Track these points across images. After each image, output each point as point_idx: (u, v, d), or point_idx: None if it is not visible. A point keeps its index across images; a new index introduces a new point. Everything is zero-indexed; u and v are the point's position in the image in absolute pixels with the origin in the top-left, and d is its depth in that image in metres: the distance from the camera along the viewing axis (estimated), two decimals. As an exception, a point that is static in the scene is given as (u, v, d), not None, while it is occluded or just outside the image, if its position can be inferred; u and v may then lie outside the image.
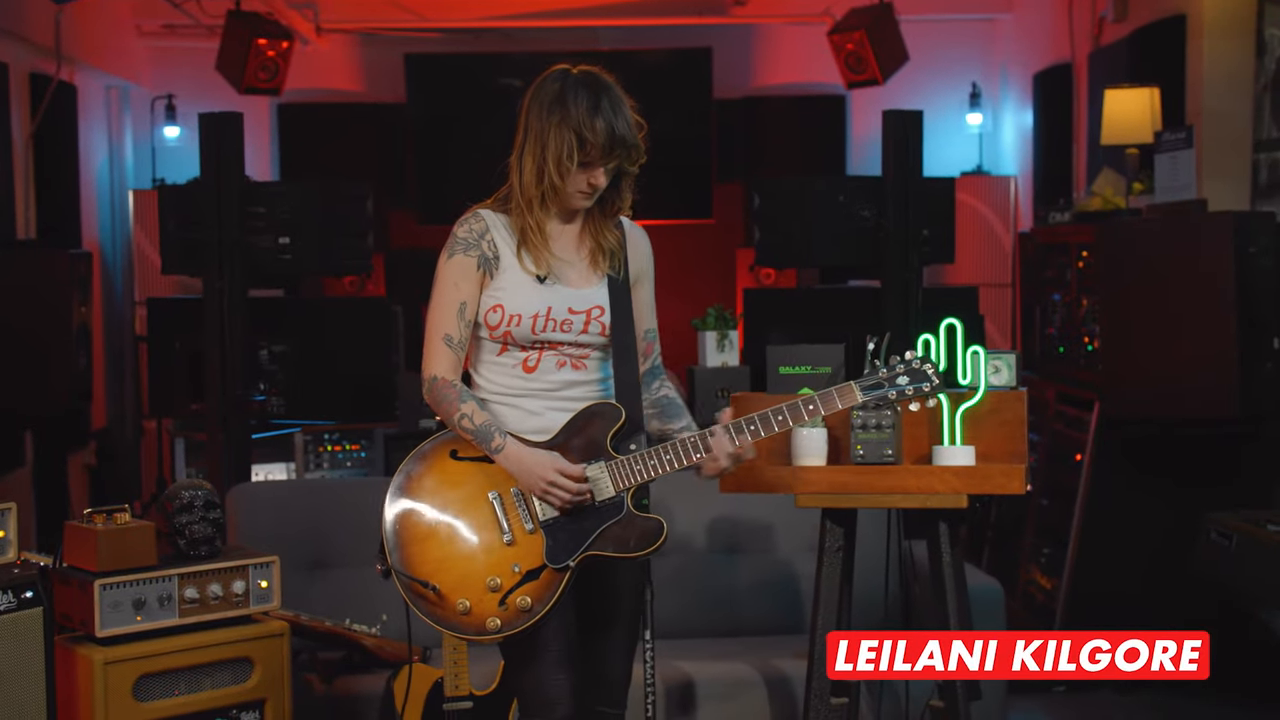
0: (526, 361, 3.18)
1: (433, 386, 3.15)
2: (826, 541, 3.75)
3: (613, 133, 3.11)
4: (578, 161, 3.09)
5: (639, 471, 3.15)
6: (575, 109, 3.09)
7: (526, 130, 3.13)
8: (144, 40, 9.35)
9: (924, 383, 3.25)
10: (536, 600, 3.10)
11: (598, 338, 3.20)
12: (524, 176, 3.12)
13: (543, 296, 3.15)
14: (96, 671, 3.45)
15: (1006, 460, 3.68)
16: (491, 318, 3.15)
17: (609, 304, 3.20)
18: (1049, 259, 6.45)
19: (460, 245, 3.15)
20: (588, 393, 3.23)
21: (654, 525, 3.18)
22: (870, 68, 8.32)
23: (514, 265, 3.15)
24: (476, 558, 3.12)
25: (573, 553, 3.12)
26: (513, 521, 3.13)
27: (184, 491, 3.73)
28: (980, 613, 4.27)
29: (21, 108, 7.80)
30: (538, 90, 3.16)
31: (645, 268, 3.36)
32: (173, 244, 5.40)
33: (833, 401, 3.23)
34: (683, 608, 4.66)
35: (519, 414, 3.19)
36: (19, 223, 7.62)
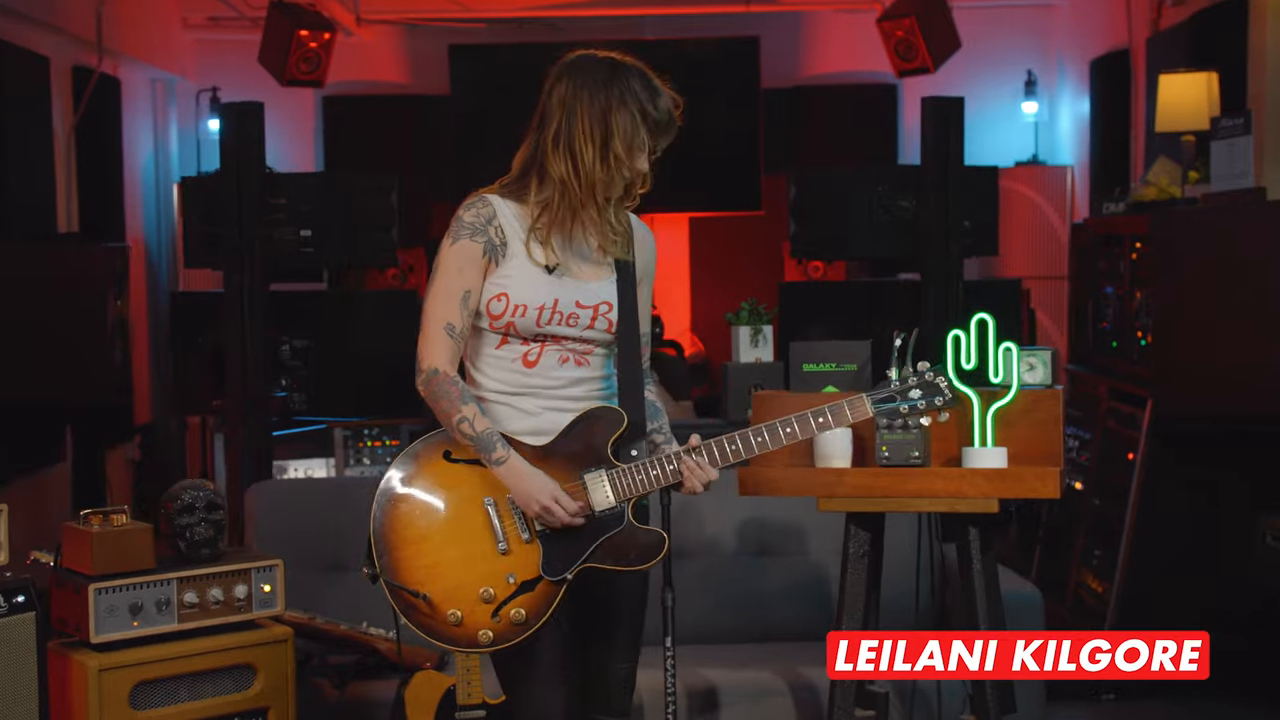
0: (527, 355, 3.02)
1: (431, 379, 2.98)
2: (851, 547, 3.58)
3: (670, 110, 3.02)
4: (646, 140, 2.98)
5: (641, 482, 3.00)
6: (636, 87, 2.98)
7: (573, 116, 2.95)
8: (189, 33, 9.31)
9: (936, 397, 3.12)
10: (531, 613, 2.96)
11: (604, 334, 3.06)
12: (585, 163, 2.94)
13: (550, 288, 3.00)
14: (91, 679, 3.34)
15: (1041, 462, 3.50)
16: (495, 306, 2.99)
17: (617, 300, 3.06)
18: (1102, 251, 6.24)
19: (466, 230, 3.00)
20: (589, 391, 3.07)
21: (655, 538, 3.03)
22: (921, 55, 8.12)
23: (521, 254, 3.00)
24: (469, 567, 2.97)
25: (570, 565, 2.97)
26: (508, 530, 2.98)
27: (185, 492, 3.62)
28: (1017, 620, 4.08)
29: (64, 101, 7.78)
30: (579, 72, 3.00)
31: (649, 267, 3.20)
32: (195, 237, 5.31)
33: (843, 415, 3.08)
34: (709, 612, 4.51)
35: (514, 413, 3.03)
36: (60, 216, 7.59)
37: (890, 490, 3.46)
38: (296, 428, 5.50)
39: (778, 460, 3.63)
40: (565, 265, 3.01)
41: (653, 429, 3.14)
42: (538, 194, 3.01)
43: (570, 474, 2.99)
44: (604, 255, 3.06)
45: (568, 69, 3.04)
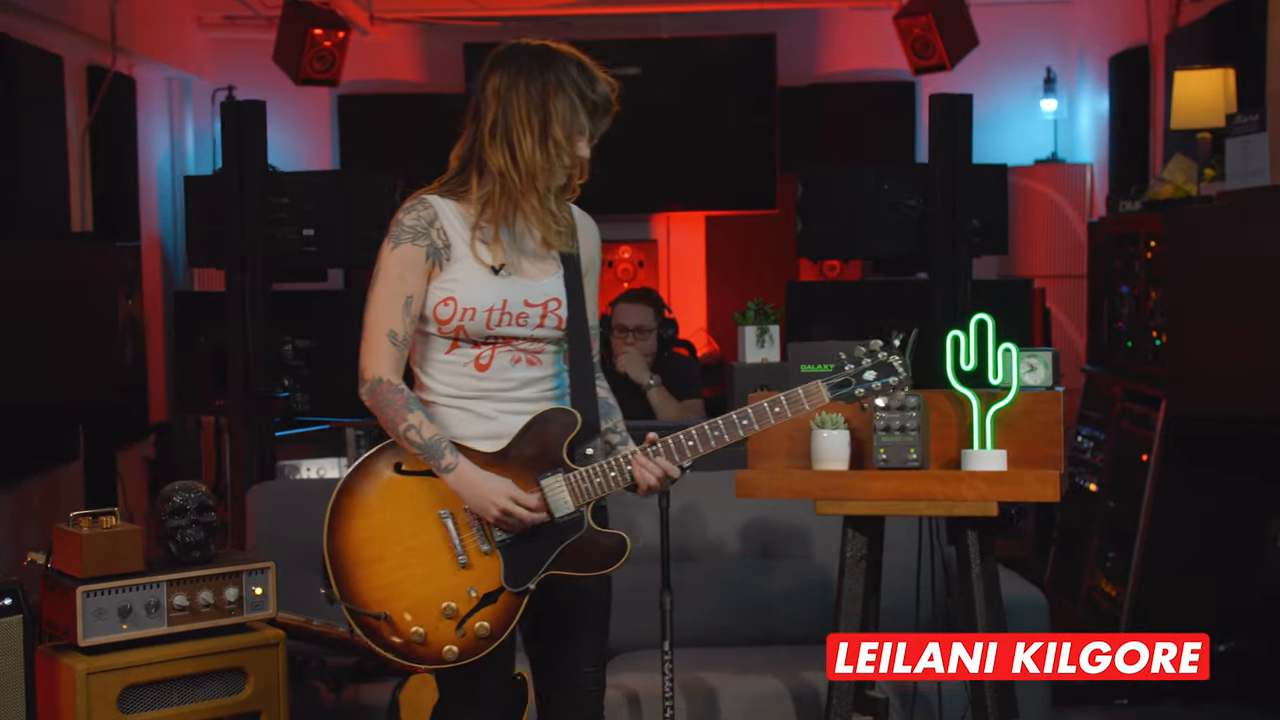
0: (479, 359, 2.96)
1: (375, 389, 2.91)
2: (849, 550, 3.53)
3: (607, 94, 2.98)
4: (586, 125, 2.93)
5: (599, 485, 2.95)
6: (573, 72, 2.93)
7: (510, 105, 2.91)
8: (205, 32, 9.31)
9: (891, 376, 3.05)
10: (495, 625, 2.92)
11: (554, 331, 3.00)
12: (523, 153, 2.89)
13: (498, 288, 2.94)
14: (79, 682, 3.31)
15: (1042, 465, 3.44)
16: (442, 311, 2.93)
17: (565, 295, 3.00)
18: (1117, 249, 6.17)
19: (407, 234, 2.93)
20: (542, 391, 3.02)
21: (616, 542, 2.98)
22: (937, 52, 8.05)
23: (466, 255, 2.93)
24: (429, 582, 2.92)
25: (532, 574, 2.92)
26: (467, 542, 2.93)
27: (176, 494, 3.58)
28: (1021, 625, 4.02)
29: (78, 100, 7.78)
30: (514, 61, 2.96)
31: (595, 258, 3.15)
32: (197, 236, 5.29)
33: (799, 403, 3.01)
34: (712, 615, 4.47)
35: (469, 417, 2.97)
36: (74, 215, 7.59)
37: (888, 493, 3.41)
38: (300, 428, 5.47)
39: (774, 463, 3.59)
40: (512, 264, 2.96)
41: (607, 427, 3.11)
42: (478, 189, 2.95)
43: (527, 480, 2.93)
44: (548, 250, 3.00)
45: (501, 59, 2.99)
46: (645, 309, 5.66)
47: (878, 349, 3.04)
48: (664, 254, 9.15)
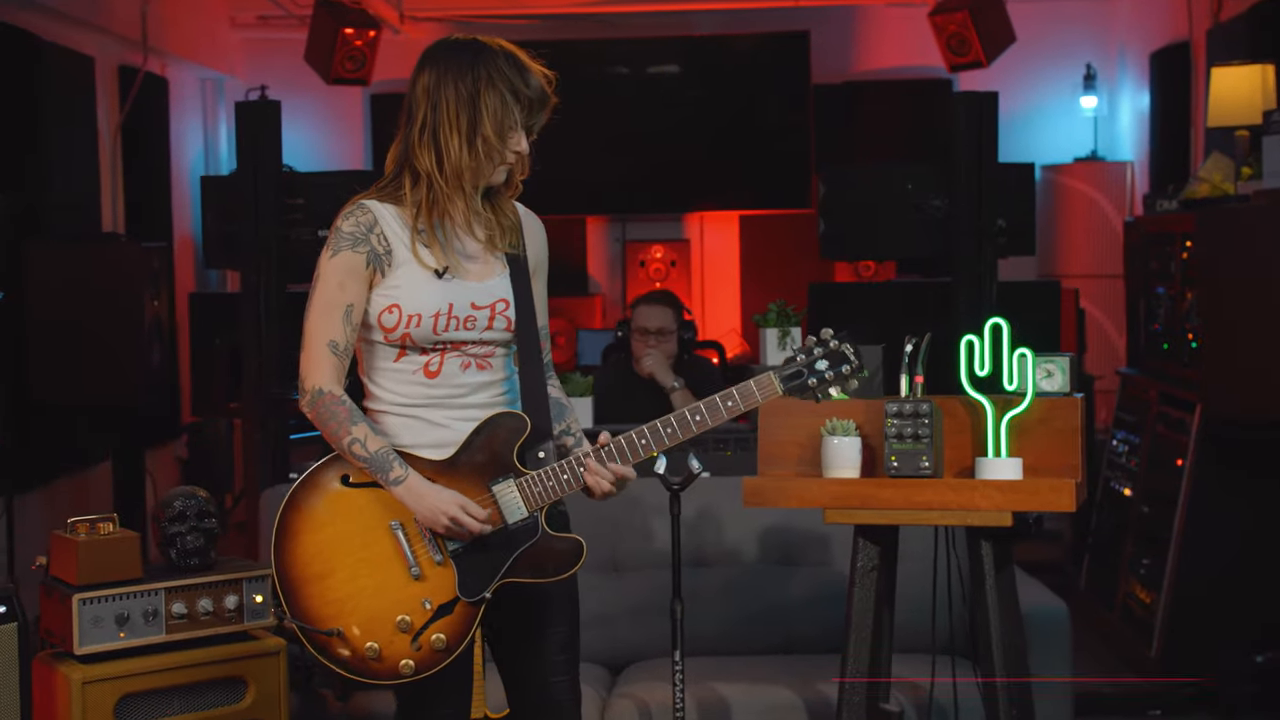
0: (428, 366, 2.87)
1: (317, 401, 2.84)
2: (859, 561, 3.44)
3: (542, 87, 2.87)
4: (519, 123, 2.83)
5: (551, 488, 2.86)
6: (503, 67, 2.82)
7: (438, 104, 2.81)
8: (238, 32, 9.31)
9: (843, 364, 2.95)
10: (452, 637, 2.84)
11: (503, 333, 2.92)
12: (450, 153, 2.80)
13: (443, 293, 2.85)
14: (75, 691, 3.26)
15: (1058, 474, 3.33)
16: (387, 319, 2.85)
17: (513, 296, 2.92)
18: (1153, 249, 6.05)
19: (346, 241, 2.85)
20: (494, 396, 2.93)
21: (572, 545, 2.90)
22: (974, 50, 7.94)
23: (409, 260, 2.85)
24: (382, 596, 2.84)
25: (487, 583, 2.85)
26: (419, 553, 2.85)
27: (176, 500, 3.54)
28: (1043, 638, 3.94)
29: (110, 100, 7.79)
30: (441, 60, 2.85)
31: (542, 259, 3.05)
32: (213, 237, 5.25)
33: (752, 396, 2.93)
34: (730, 623, 4.38)
35: (420, 425, 2.89)
36: (105, 215, 7.60)
37: (899, 502, 3.32)
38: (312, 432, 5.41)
39: (784, 470, 3.50)
40: (455, 266, 2.87)
41: (560, 429, 3.02)
42: (413, 193, 2.87)
43: (478, 487, 2.86)
44: (492, 250, 2.92)
45: (429, 55, 2.89)
46: (666, 311, 5.59)
47: (829, 338, 2.95)
48: (697, 254, 9.07)
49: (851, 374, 2.94)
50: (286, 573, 2.86)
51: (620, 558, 4.46)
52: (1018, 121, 8.45)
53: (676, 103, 8.90)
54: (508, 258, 2.93)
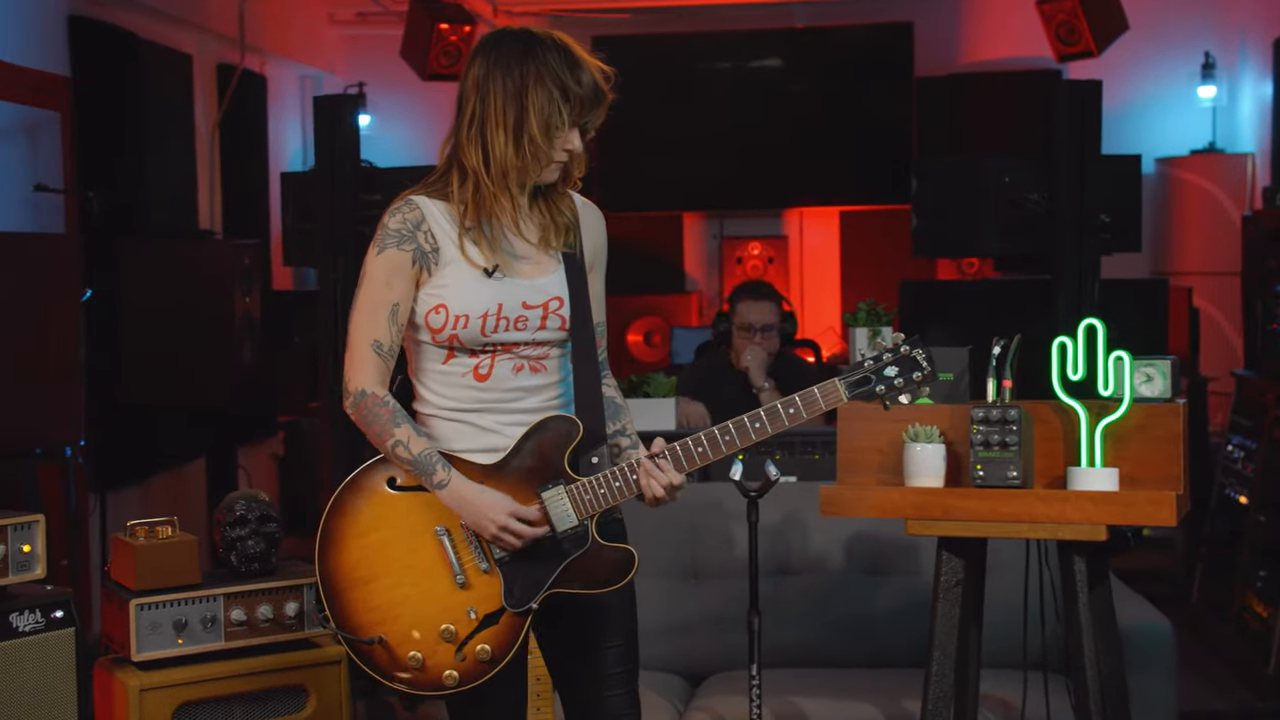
0: (478, 369, 2.74)
1: (360, 402, 2.73)
2: (943, 574, 3.26)
3: (595, 84, 2.72)
4: (567, 120, 2.69)
5: (603, 496, 2.72)
6: (553, 62, 2.68)
7: (486, 98, 2.68)
8: (337, 29, 9.31)
9: (915, 372, 2.76)
10: (498, 648, 2.71)
11: (557, 333, 2.78)
12: (495, 150, 2.67)
13: (492, 292, 2.72)
14: (132, 699, 3.19)
15: (1158, 485, 3.13)
16: (434, 320, 2.72)
17: (568, 293, 2.78)
18: (1272, 246, 5.79)
19: (393, 238, 2.72)
20: (548, 400, 2.80)
21: (623, 556, 2.75)
22: (1084, 38, 7.69)
23: (457, 258, 2.72)
24: (426, 603, 2.72)
25: (534, 593, 2.71)
26: (465, 560, 2.72)
27: (238, 504, 3.45)
28: (1144, 658, 3.72)
29: (208, 98, 7.81)
30: (491, 52, 2.72)
31: (600, 251, 2.91)
32: (290, 234, 5.18)
33: (815, 403, 2.76)
34: (813, 634, 4.22)
35: (470, 430, 2.76)
36: (202, 213, 7.62)
37: (984, 513, 3.13)
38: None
39: (864, 478, 3.34)
40: (507, 263, 2.74)
41: (614, 430, 2.88)
42: (460, 190, 2.74)
43: (526, 493, 2.72)
44: (545, 245, 2.79)
45: (482, 48, 2.76)
46: (771, 305, 5.42)
47: (900, 342, 2.78)
48: (795, 250, 8.89)
49: (923, 381, 2.77)
50: (330, 578, 2.76)
51: (699, 565, 4.32)
52: (1131, 113, 8.18)
53: (775, 97, 8.73)
54: (563, 254, 2.80)
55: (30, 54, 6.14)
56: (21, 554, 3.19)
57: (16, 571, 3.20)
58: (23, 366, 4.58)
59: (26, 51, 6.11)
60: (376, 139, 9.06)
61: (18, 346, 4.56)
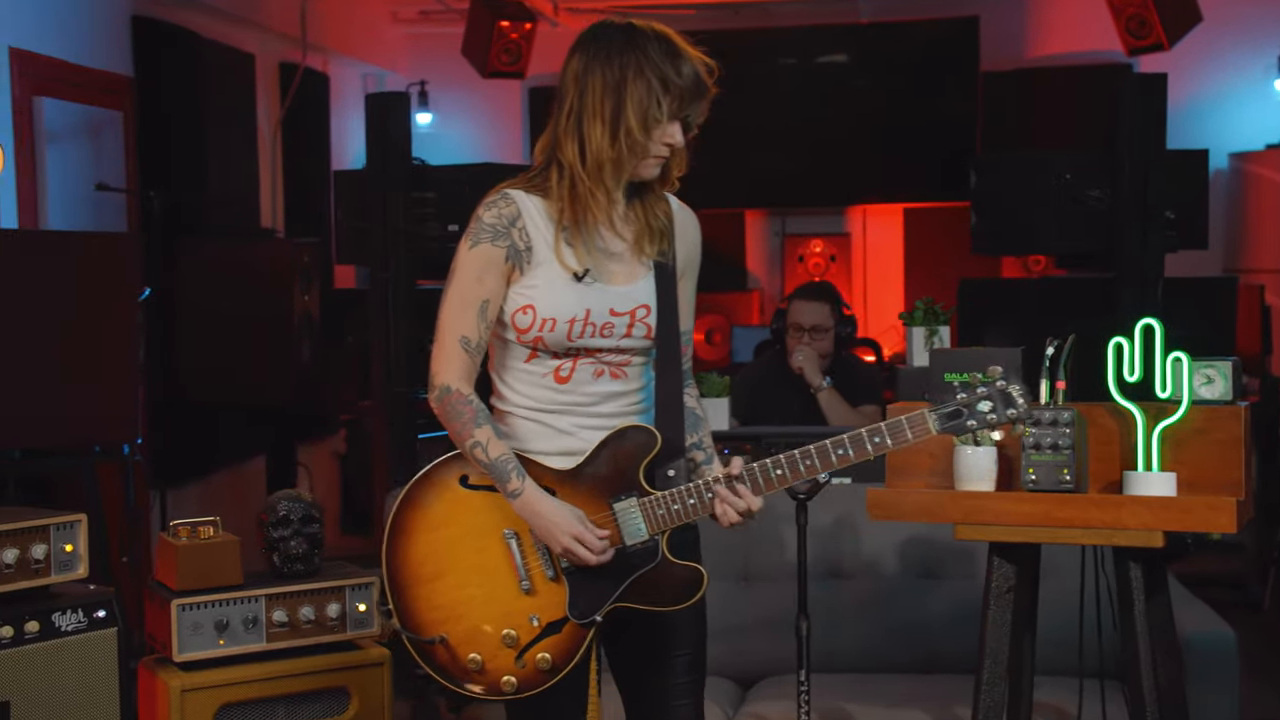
0: (559, 371, 2.68)
1: (444, 398, 2.66)
2: (994, 580, 3.18)
3: (697, 77, 2.64)
4: (666, 112, 2.62)
5: (676, 512, 2.65)
6: (654, 54, 2.61)
7: (585, 90, 2.62)
8: (400, 27, 9.32)
9: (1010, 408, 2.66)
10: (558, 658, 2.65)
11: (642, 341, 2.71)
12: (591, 143, 2.61)
13: (581, 297, 2.65)
14: (174, 699, 3.18)
15: (1218, 490, 3.02)
16: (521, 320, 2.66)
17: (655, 301, 2.71)
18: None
19: (487, 233, 2.66)
20: (627, 406, 2.73)
21: (692, 575, 2.68)
22: (1155, 31, 7.55)
23: (549, 259, 2.66)
24: (489, 606, 2.67)
25: (599, 605, 2.65)
26: (531, 566, 2.67)
27: (281, 504, 3.43)
28: (1205, 668, 3.62)
29: (270, 97, 7.84)
30: (591, 44, 2.66)
31: (693, 258, 2.83)
32: (343, 232, 5.17)
33: (902, 434, 2.66)
34: (867, 639, 4.15)
35: (547, 432, 2.70)
36: (264, 211, 7.65)
37: (1036, 518, 3.05)
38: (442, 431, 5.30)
39: (913, 481, 3.26)
40: (597, 268, 2.68)
41: (692, 443, 2.81)
42: (558, 185, 2.67)
43: (599, 502, 2.66)
44: (639, 252, 2.72)
45: (583, 40, 2.69)
46: (823, 307, 5.33)
47: (996, 377, 2.69)
48: (859, 248, 8.79)
49: (1017, 418, 2.68)
50: (396, 572, 2.72)
51: (751, 568, 4.26)
52: (1204, 106, 8.03)
53: (839, 93, 8.64)
54: (654, 260, 2.73)
55: (95, 55, 6.18)
56: (64, 553, 3.19)
57: (59, 571, 3.20)
58: (81, 365, 4.60)
59: (92, 52, 6.16)
60: (438, 136, 9.07)
61: (76, 345, 4.58)
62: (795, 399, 5.26)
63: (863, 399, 5.32)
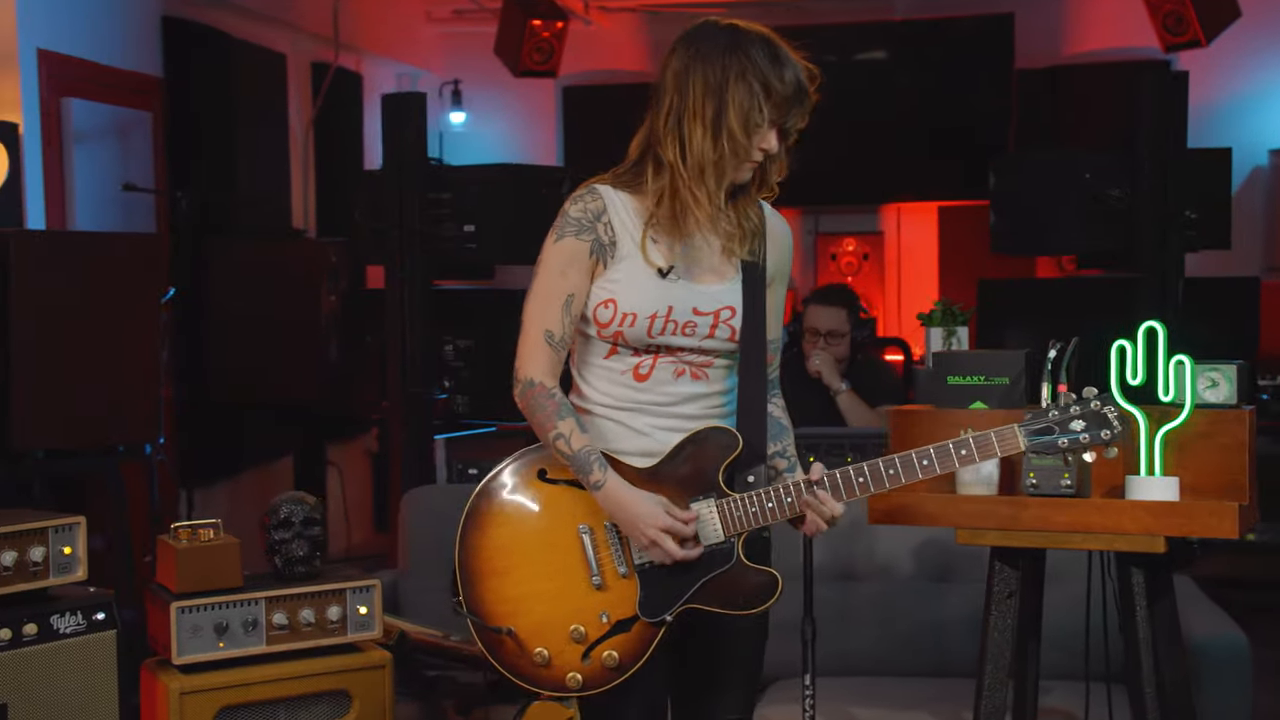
0: (639, 368, 2.67)
1: (527, 391, 2.66)
2: (995, 585, 3.15)
3: (799, 82, 2.63)
4: (767, 117, 2.61)
5: (754, 515, 2.63)
6: (757, 57, 2.60)
7: (687, 90, 2.60)
8: (434, 26, 9.33)
9: (1104, 430, 2.64)
10: (625, 656, 2.63)
11: (726, 343, 2.69)
12: (693, 144, 2.59)
13: (664, 293, 2.64)
14: (173, 701, 3.18)
15: (1222, 494, 2.98)
16: (602, 314, 2.65)
17: (741, 304, 2.69)
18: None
19: (572, 227, 2.65)
20: (707, 408, 2.71)
21: (767, 580, 2.66)
22: (1192, 27, 7.44)
23: (633, 254, 2.64)
24: (560, 601, 2.66)
25: (670, 605, 2.63)
26: (603, 562, 2.66)
27: (283, 506, 3.43)
28: (1216, 673, 3.57)
29: (302, 97, 7.87)
30: (694, 45, 2.64)
31: (783, 265, 2.81)
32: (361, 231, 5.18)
33: (990, 448, 2.64)
34: (880, 642, 4.12)
35: (624, 431, 2.69)
36: (296, 211, 7.67)
37: (1036, 523, 3.02)
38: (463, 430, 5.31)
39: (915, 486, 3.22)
40: (683, 266, 2.66)
41: (774, 451, 2.79)
42: (654, 181, 2.65)
43: (677, 502, 2.64)
44: (729, 254, 2.70)
45: (684, 40, 2.68)
46: (838, 312, 5.30)
47: (1092, 397, 2.66)
48: (892, 246, 8.74)
49: (1111, 440, 2.65)
50: (467, 563, 2.71)
51: (764, 570, 4.22)
52: (1245, 103, 7.91)
53: (872, 90, 8.56)
54: (744, 263, 2.71)
55: (124, 56, 6.23)
56: (63, 556, 3.21)
57: (58, 573, 3.21)
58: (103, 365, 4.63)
59: (122, 53, 6.20)
60: (472, 136, 9.09)
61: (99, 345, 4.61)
62: (814, 401, 5.23)
63: (881, 400, 5.29)
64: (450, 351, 5.17)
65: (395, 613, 4.34)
